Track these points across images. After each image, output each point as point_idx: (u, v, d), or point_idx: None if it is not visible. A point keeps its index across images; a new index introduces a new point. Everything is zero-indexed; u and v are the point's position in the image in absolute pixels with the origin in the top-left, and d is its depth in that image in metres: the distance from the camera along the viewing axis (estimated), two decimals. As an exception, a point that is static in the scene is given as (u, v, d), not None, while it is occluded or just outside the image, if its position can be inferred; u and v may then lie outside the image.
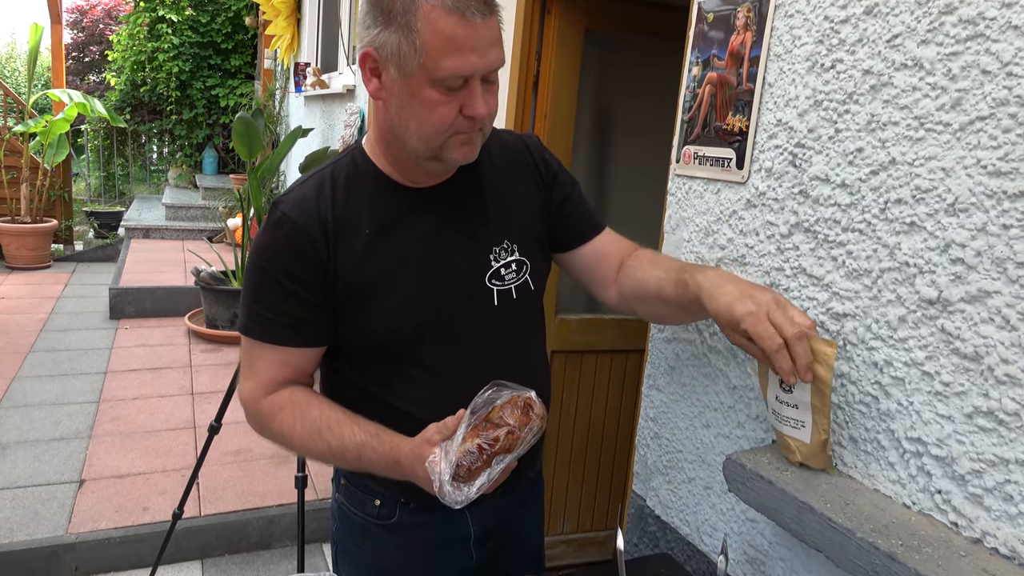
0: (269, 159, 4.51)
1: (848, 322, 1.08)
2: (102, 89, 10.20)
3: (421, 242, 1.11)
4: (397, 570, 1.23)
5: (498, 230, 1.17)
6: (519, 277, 1.18)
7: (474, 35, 0.95)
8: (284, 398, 1.11)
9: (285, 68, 6.91)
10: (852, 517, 0.96)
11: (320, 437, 1.07)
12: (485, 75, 0.99)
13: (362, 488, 1.22)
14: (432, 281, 1.11)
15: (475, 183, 1.16)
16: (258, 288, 1.10)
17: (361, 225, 1.09)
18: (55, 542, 2.52)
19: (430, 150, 1.04)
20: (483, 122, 1.03)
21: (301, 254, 1.06)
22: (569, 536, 2.76)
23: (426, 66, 0.96)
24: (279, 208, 1.08)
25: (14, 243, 6.29)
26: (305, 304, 1.08)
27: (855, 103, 1.06)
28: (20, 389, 3.78)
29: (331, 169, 1.13)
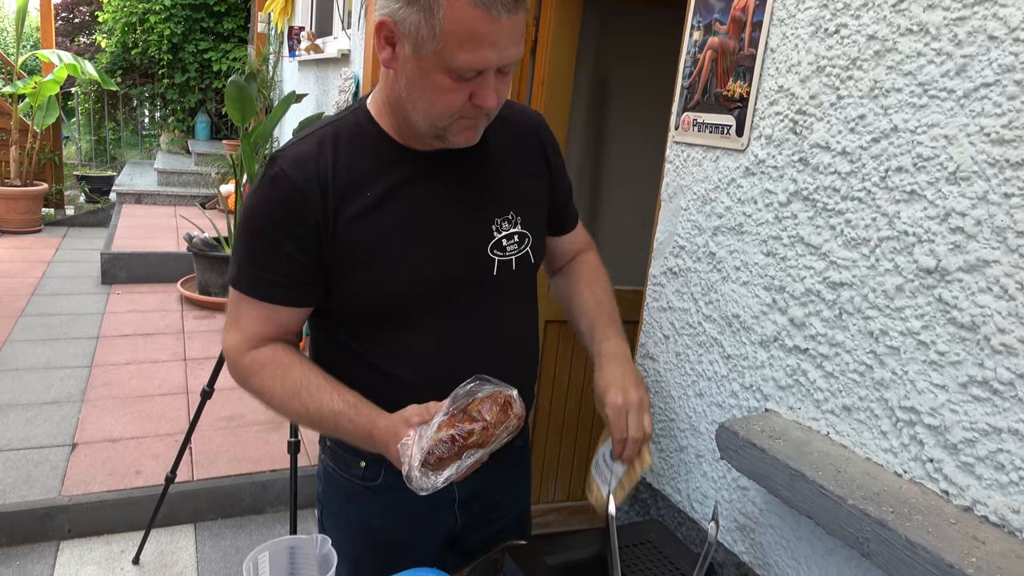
0: (262, 125, 4.45)
1: (845, 291, 1.07)
2: (92, 51, 10.02)
3: (423, 208, 1.10)
4: (382, 531, 1.23)
5: (503, 201, 1.16)
6: (520, 249, 1.17)
7: (496, 31, 0.93)
8: (267, 355, 1.10)
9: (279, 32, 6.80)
10: (843, 484, 0.96)
11: (298, 399, 1.07)
12: (501, 68, 0.98)
13: (348, 450, 1.22)
14: (432, 248, 1.10)
15: (483, 152, 1.15)
16: (250, 244, 1.08)
17: (362, 188, 1.07)
18: (48, 504, 2.53)
19: (434, 130, 1.03)
20: (490, 109, 1.02)
21: (297, 214, 1.04)
22: (560, 504, 2.79)
23: (442, 54, 0.94)
24: (277, 164, 1.06)
25: (4, 206, 6.23)
26: (297, 264, 1.06)
27: (858, 69, 1.04)
28: (12, 353, 3.76)
29: (333, 128, 1.10)
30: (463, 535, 1.28)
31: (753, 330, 1.25)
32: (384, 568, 1.11)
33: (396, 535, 1.23)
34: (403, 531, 1.24)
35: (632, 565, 1.08)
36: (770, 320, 1.21)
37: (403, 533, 1.24)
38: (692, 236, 1.39)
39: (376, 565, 1.19)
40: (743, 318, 1.27)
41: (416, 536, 1.24)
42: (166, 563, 2.47)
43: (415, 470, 0.96)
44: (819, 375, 1.12)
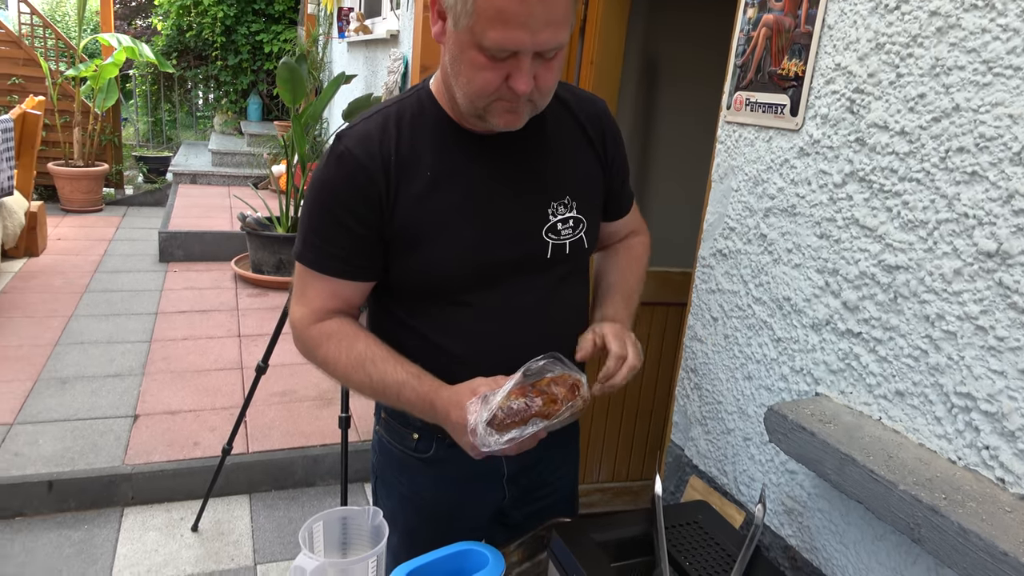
0: (313, 106, 4.52)
1: (900, 274, 1.05)
2: (149, 34, 10.27)
3: (481, 189, 1.11)
4: (433, 501, 1.26)
5: (559, 185, 1.16)
6: (575, 234, 1.17)
7: (526, 12, 0.92)
8: (332, 327, 1.13)
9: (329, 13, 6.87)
10: (895, 470, 0.95)
11: (363, 370, 1.10)
12: (538, 52, 0.96)
13: (401, 422, 1.25)
14: (488, 228, 1.11)
15: (541, 136, 1.16)
16: (315, 219, 1.11)
17: (423, 167, 1.09)
18: (113, 472, 2.65)
19: (474, 109, 1.04)
20: (531, 95, 1.01)
21: (360, 190, 1.07)
22: (604, 485, 2.80)
23: (474, 29, 0.94)
24: (342, 142, 1.09)
25: (68, 186, 6.46)
26: (360, 239, 1.09)
27: (919, 46, 1.01)
28: (77, 327, 3.92)
29: (397, 107, 1.13)
30: (511, 510, 1.31)
31: (804, 313, 1.24)
32: (435, 538, 1.15)
33: (446, 506, 1.26)
34: (453, 503, 1.27)
35: (678, 545, 1.09)
36: (822, 303, 1.20)
37: (453, 505, 1.27)
38: (743, 217, 1.38)
39: (427, 535, 1.22)
40: (794, 301, 1.26)
41: (466, 509, 1.27)
42: (223, 531, 2.57)
43: (480, 425, 0.98)
44: (872, 359, 1.10)
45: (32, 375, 3.31)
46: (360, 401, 3.13)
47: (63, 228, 5.93)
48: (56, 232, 5.75)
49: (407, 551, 1.23)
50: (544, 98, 1.05)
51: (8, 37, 6.51)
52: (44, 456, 2.68)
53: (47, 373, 3.34)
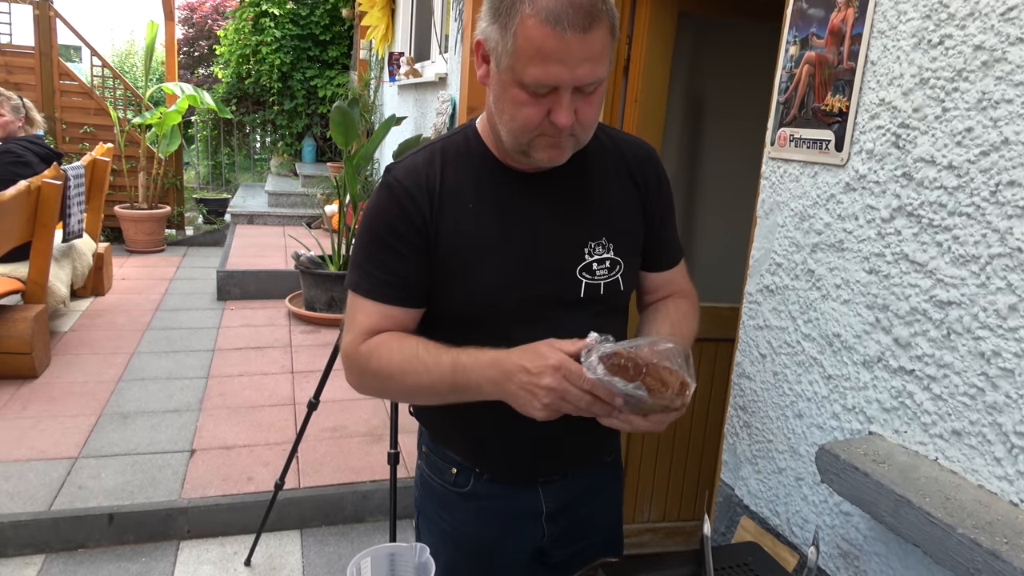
0: (364, 147, 4.65)
1: (953, 310, 1.03)
2: (210, 82, 10.74)
3: (519, 224, 1.14)
4: (473, 536, 1.27)
5: (596, 226, 1.18)
6: (610, 275, 1.18)
7: (564, 49, 0.96)
8: (381, 337, 1.13)
9: (380, 58, 7.09)
10: (953, 512, 0.92)
11: (417, 359, 1.07)
12: (578, 87, 1.00)
13: (441, 456, 1.27)
14: (524, 263, 1.14)
15: (582, 178, 1.19)
16: (367, 246, 1.15)
17: (465, 199, 1.13)
18: (170, 505, 2.71)
19: (518, 145, 1.07)
20: (573, 129, 1.04)
21: (407, 216, 1.11)
22: (656, 524, 2.75)
23: (515, 68, 0.99)
24: (391, 173, 1.15)
25: (132, 228, 6.74)
26: (408, 263, 1.12)
27: (965, 80, 1.01)
28: (139, 364, 4.06)
29: (442, 144, 1.18)
30: (551, 549, 1.30)
31: (855, 350, 1.22)
32: (476, 574, 1.15)
33: (486, 542, 1.27)
34: (493, 539, 1.27)
35: (727, 587, 1.07)
36: (873, 340, 1.18)
37: (493, 541, 1.27)
38: (789, 253, 1.37)
39: (468, 571, 1.22)
40: (844, 337, 1.24)
41: (505, 545, 1.27)
42: (275, 566, 2.60)
43: (596, 352, 0.93)
44: (926, 397, 1.08)
45: (96, 410, 3.43)
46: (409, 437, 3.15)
47: (127, 268, 6.18)
48: (121, 272, 5.99)
49: (451, 587, 1.23)
50: (586, 132, 1.07)
51: (81, 88, 6.89)
52: (106, 489, 2.77)
53: (110, 408, 3.46)
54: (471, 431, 1.23)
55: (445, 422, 1.26)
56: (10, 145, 4.15)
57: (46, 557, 2.55)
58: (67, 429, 3.21)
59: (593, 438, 1.31)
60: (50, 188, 3.89)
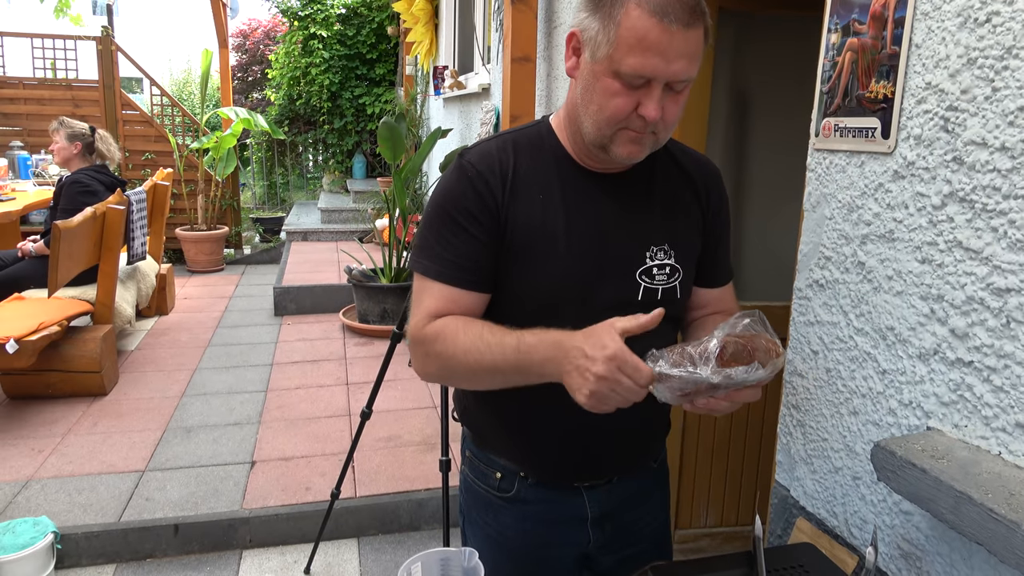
0: (412, 160, 4.71)
1: (1012, 297, 0.99)
2: (263, 105, 11.06)
3: (584, 220, 1.15)
4: (518, 541, 1.26)
5: (659, 232, 1.18)
6: (669, 281, 1.18)
7: (665, 41, 0.97)
8: (448, 320, 1.12)
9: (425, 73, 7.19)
10: (1018, 508, 0.88)
11: (481, 339, 1.06)
12: (670, 83, 1.01)
13: (484, 461, 1.27)
14: (586, 258, 1.14)
15: (648, 184, 1.20)
16: (437, 228, 1.15)
17: (535, 189, 1.14)
18: (232, 516, 2.78)
19: (600, 137, 1.08)
20: (656, 126, 1.05)
21: (479, 196, 1.12)
22: (713, 529, 2.69)
23: (613, 57, 1.00)
24: (464, 157, 1.16)
25: (193, 249, 6.97)
26: (477, 245, 1.12)
27: (1015, 58, 0.97)
28: (201, 379, 4.19)
29: (515, 135, 1.20)
30: (598, 555, 1.28)
31: (910, 343, 1.17)
32: (522, 580, 1.14)
33: (531, 547, 1.26)
34: (538, 544, 1.26)
35: (782, 589, 1.04)
36: (928, 331, 1.13)
37: (538, 546, 1.26)
38: (838, 246, 1.33)
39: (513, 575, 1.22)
40: (898, 330, 1.20)
41: (551, 550, 1.26)
42: (334, 574, 2.64)
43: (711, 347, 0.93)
44: (987, 390, 1.03)
45: (161, 425, 3.55)
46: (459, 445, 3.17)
47: (189, 288, 6.38)
48: (183, 292, 6.19)
49: (497, 592, 1.23)
50: (667, 131, 1.08)
51: (142, 117, 7.18)
52: (171, 501, 2.86)
53: (174, 423, 3.58)
54: (518, 431, 1.23)
55: (492, 421, 1.26)
56: (78, 175, 4.34)
57: (117, 567, 2.64)
58: (134, 443, 3.33)
59: (640, 442, 1.29)
60: (114, 213, 4.06)
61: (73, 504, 2.81)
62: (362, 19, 9.21)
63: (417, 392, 4.00)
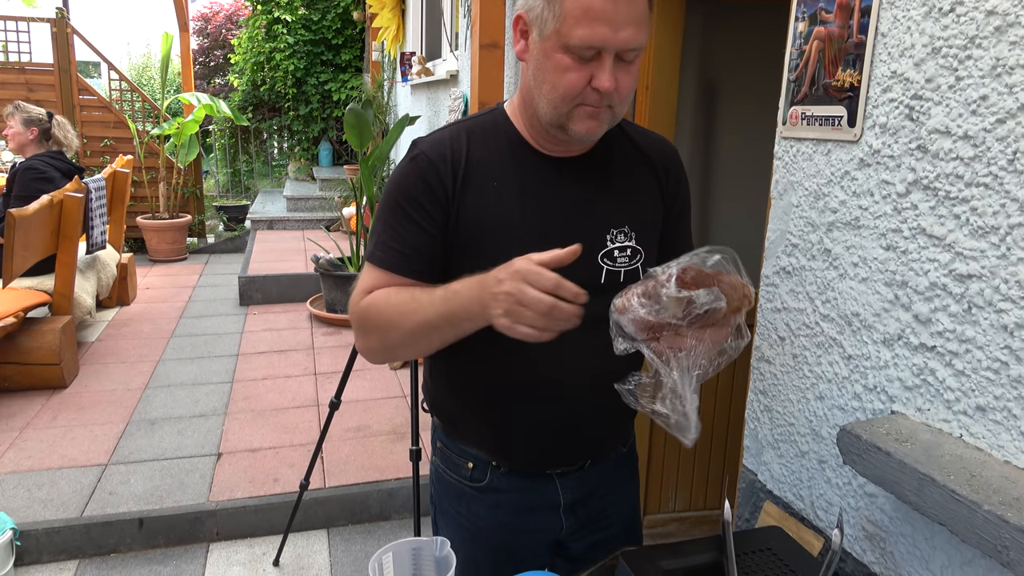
0: (379, 148, 4.66)
1: (974, 283, 1.00)
2: (226, 91, 10.84)
3: (541, 205, 1.14)
4: (490, 531, 1.26)
5: (619, 213, 1.18)
6: (631, 263, 1.18)
7: (611, 9, 0.98)
8: (379, 291, 1.12)
9: (392, 59, 7.11)
10: (978, 489, 0.90)
11: (413, 299, 1.07)
12: (619, 52, 1.01)
13: (456, 451, 1.26)
14: (543, 244, 1.11)
15: (605, 164, 1.19)
16: (385, 216, 1.15)
17: (489, 177, 1.13)
18: (198, 509, 2.74)
19: (557, 116, 1.07)
20: (611, 98, 1.04)
21: (429, 186, 1.11)
22: (681, 514, 2.73)
23: (561, 31, 1.00)
24: (417, 146, 1.15)
25: (155, 238, 6.83)
26: (424, 236, 1.11)
27: (978, 47, 0.98)
28: (164, 371, 4.12)
29: (471, 123, 1.19)
30: (570, 541, 1.29)
31: (875, 328, 1.19)
32: (495, 569, 1.14)
33: (504, 536, 1.26)
34: (511, 532, 1.26)
35: (751, 573, 1.06)
36: (893, 317, 1.15)
37: (511, 534, 1.26)
38: (805, 233, 1.35)
39: (487, 565, 1.22)
40: (863, 316, 1.22)
41: (523, 538, 1.27)
42: (303, 566, 2.62)
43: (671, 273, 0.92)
44: (949, 374, 1.05)
45: (124, 417, 3.48)
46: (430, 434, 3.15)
47: (151, 277, 6.26)
48: (145, 281, 6.07)
49: (469, 581, 1.23)
50: (622, 103, 1.08)
51: (101, 103, 6.99)
52: (136, 495, 2.81)
53: (138, 415, 3.51)
54: (488, 420, 1.22)
55: (462, 411, 1.25)
56: (32, 162, 4.22)
57: (79, 563, 2.59)
58: (96, 437, 3.26)
59: (611, 426, 1.30)
60: (72, 201, 3.95)
61: (33, 500, 2.74)
62: (327, 3, 9.07)
63: (386, 382, 3.98)
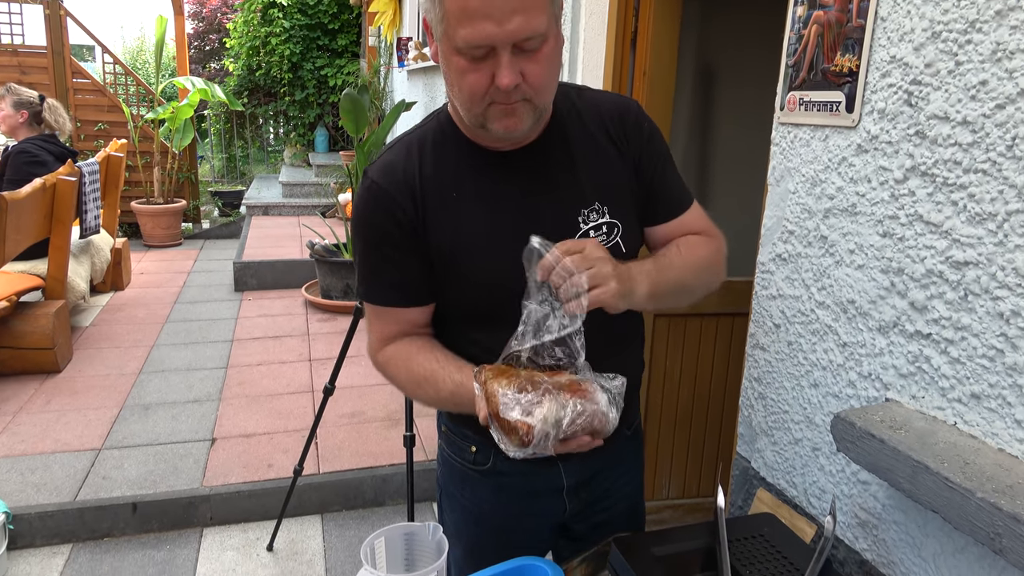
0: (375, 134, 4.64)
1: (970, 271, 1.00)
2: (221, 75, 10.76)
3: (507, 206, 1.11)
4: (494, 514, 1.26)
5: (588, 192, 1.14)
6: (609, 239, 1.14)
7: (488, 3, 0.91)
8: (391, 351, 1.17)
9: (388, 44, 7.06)
10: (972, 477, 0.90)
11: (426, 381, 1.12)
12: (516, 43, 0.94)
13: (460, 435, 1.26)
14: (519, 244, 1.10)
15: (562, 145, 1.14)
16: (362, 254, 1.15)
17: (447, 190, 1.10)
18: (192, 493, 2.74)
19: (474, 117, 1.03)
20: (525, 91, 0.98)
21: (392, 217, 1.09)
22: (676, 501, 2.74)
23: (448, 34, 0.95)
24: (368, 175, 1.12)
25: (150, 223, 6.80)
26: (403, 265, 1.11)
27: (978, 32, 0.97)
28: (159, 356, 4.10)
29: (418, 133, 1.15)
30: (573, 523, 1.29)
31: (870, 316, 1.19)
32: (498, 551, 1.14)
33: (507, 519, 1.26)
34: (514, 515, 1.26)
35: (743, 559, 1.06)
36: (889, 304, 1.15)
37: (514, 517, 1.26)
38: (802, 220, 1.34)
39: (490, 547, 1.22)
40: (859, 303, 1.21)
41: (527, 521, 1.27)
42: (297, 551, 2.62)
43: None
44: (944, 361, 1.05)
45: (118, 402, 3.47)
46: (425, 420, 3.16)
47: (145, 262, 6.23)
48: (139, 267, 6.04)
49: (471, 564, 1.23)
50: (540, 95, 1.01)
51: (95, 86, 6.93)
52: (129, 479, 2.80)
53: (132, 400, 3.50)
54: None
55: None
56: (25, 145, 4.18)
57: (73, 547, 2.59)
58: (90, 421, 3.26)
59: None
60: (65, 185, 3.92)
61: (26, 484, 2.74)
62: (323, -12, 8.99)
63: (381, 368, 3.97)
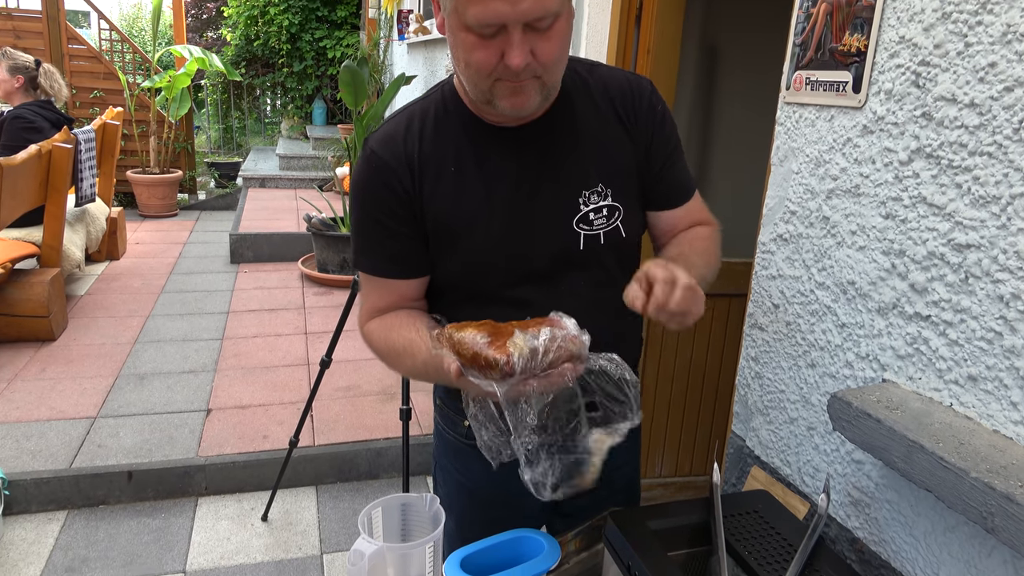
0: (374, 107, 4.60)
1: (972, 253, 1.00)
2: (219, 45, 10.63)
3: (506, 182, 1.10)
4: (487, 487, 1.27)
5: (590, 173, 1.12)
6: (609, 223, 1.12)
7: None
8: (376, 323, 1.17)
9: (388, 16, 6.98)
10: (966, 457, 0.91)
11: (400, 359, 1.13)
12: (529, 23, 0.92)
13: (453, 408, 1.26)
14: (516, 222, 1.09)
15: (569, 123, 1.12)
16: (358, 224, 1.15)
17: (447, 163, 1.09)
18: (188, 463, 2.75)
19: (481, 93, 1.01)
20: (534, 70, 0.96)
21: (390, 188, 1.08)
22: (667, 479, 2.76)
23: (458, 10, 0.93)
24: (368, 145, 1.11)
25: (145, 192, 6.75)
26: (399, 237, 1.11)
27: (989, 13, 0.96)
28: (154, 326, 4.10)
29: (421, 104, 1.13)
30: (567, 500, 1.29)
31: (870, 297, 1.19)
32: (490, 524, 1.15)
33: (500, 492, 1.27)
34: (507, 489, 1.26)
35: (737, 534, 1.07)
36: (889, 286, 1.15)
37: (506, 492, 1.27)
38: (804, 200, 1.34)
39: (482, 520, 1.23)
40: (859, 284, 1.21)
41: (519, 496, 1.27)
42: (291, 521, 2.64)
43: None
44: (942, 343, 1.06)
45: (113, 371, 3.47)
46: (421, 395, 3.17)
47: (141, 232, 6.20)
48: (135, 236, 6.02)
49: (463, 536, 1.24)
50: (551, 73, 0.99)
51: (90, 52, 6.85)
52: (124, 448, 2.81)
53: (127, 370, 3.50)
54: None
55: None
56: (21, 111, 4.14)
57: (68, 513, 2.60)
58: (85, 390, 3.26)
59: None
60: (61, 152, 3.89)
61: (21, 451, 2.74)
62: (324, -43, 8.86)
63: (377, 342, 3.98)
